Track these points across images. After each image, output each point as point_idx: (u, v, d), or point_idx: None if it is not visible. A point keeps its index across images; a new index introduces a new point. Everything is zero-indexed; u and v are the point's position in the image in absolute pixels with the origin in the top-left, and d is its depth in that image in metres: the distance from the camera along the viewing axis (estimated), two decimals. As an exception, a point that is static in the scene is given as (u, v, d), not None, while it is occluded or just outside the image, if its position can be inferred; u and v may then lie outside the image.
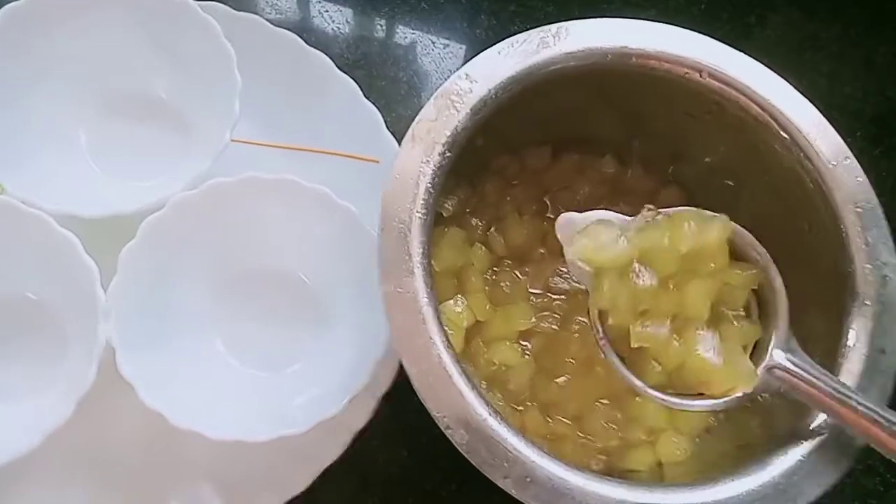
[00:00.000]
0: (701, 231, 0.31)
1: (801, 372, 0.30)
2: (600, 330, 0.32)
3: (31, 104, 0.39)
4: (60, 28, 0.39)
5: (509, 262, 0.41)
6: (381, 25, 0.50)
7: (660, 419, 0.38)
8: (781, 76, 0.35)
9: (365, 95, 0.44)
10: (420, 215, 0.31)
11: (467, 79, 0.33)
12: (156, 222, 0.36)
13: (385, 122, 0.44)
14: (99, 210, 0.36)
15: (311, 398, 0.36)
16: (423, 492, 0.40)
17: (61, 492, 0.37)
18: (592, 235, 0.32)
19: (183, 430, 0.33)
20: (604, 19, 0.35)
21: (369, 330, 0.36)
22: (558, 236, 0.33)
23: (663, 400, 0.32)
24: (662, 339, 0.31)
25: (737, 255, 0.33)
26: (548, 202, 0.42)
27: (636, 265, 0.31)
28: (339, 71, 0.44)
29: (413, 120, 0.47)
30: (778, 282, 0.32)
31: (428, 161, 0.32)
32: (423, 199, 0.32)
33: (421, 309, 0.30)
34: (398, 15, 0.51)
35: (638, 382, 0.32)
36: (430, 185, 0.32)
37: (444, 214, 0.39)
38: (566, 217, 0.33)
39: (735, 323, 0.32)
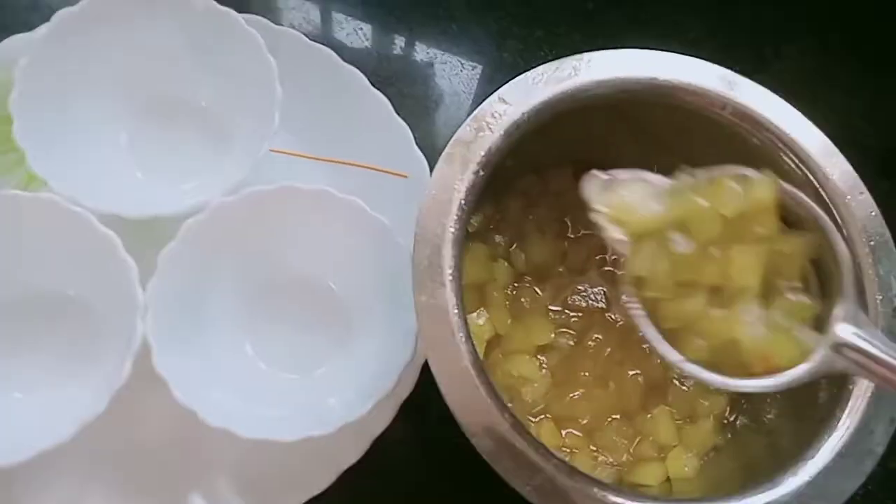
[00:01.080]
0: (746, 191, 0.28)
1: (874, 350, 0.27)
2: (635, 301, 0.30)
3: (78, 105, 0.40)
4: (109, 34, 0.40)
5: (529, 278, 0.42)
6: (412, 45, 0.52)
7: (670, 436, 0.39)
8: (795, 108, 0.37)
9: (396, 112, 0.46)
10: (453, 230, 0.33)
11: (502, 102, 0.35)
12: (195, 225, 0.37)
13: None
14: (140, 211, 0.37)
15: (337, 401, 0.37)
16: (440, 497, 0.41)
17: (85, 483, 0.38)
18: (629, 190, 0.29)
19: (212, 428, 0.35)
20: (632, 50, 0.36)
21: (394, 337, 0.38)
22: (584, 194, 0.31)
23: (706, 378, 0.29)
24: (701, 313, 0.28)
25: (791, 223, 0.30)
26: (568, 222, 0.44)
27: (673, 233, 0.28)
28: (373, 88, 0.46)
29: (439, 137, 0.50)
30: (841, 248, 0.29)
31: (462, 179, 0.33)
32: (457, 215, 0.33)
33: (451, 320, 0.32)
34: (429, 36, 0.52)
35: (675, 356, 0.29)
36: (463, 202, 0.33)
37: (469, 230, 0.40)
38: (595, 174, 0.31)
39: (791, 296, 0.29)
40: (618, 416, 0.40)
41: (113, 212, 0.37)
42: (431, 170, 0.44)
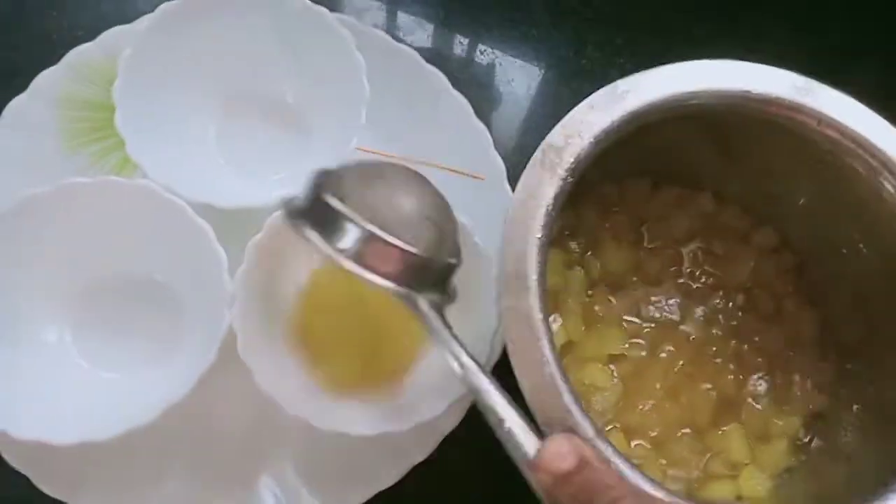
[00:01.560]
0: None
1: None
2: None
3: (171, 97, 0.42)
4: (206, 28, 0.42)
5: (604, 286, 0.42)
6: (491, 49, 0.52)
7: (743, 454, 0.39)
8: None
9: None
10: (539, 236, 0.33)
11: (592, 109, 0.35)
12: (280, 219, 0.38)
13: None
14: (231, 202, 0.38)
15: (413, 400, 0.38)
16: (502, 498, 0.41)
17: (159, 461, 0.39)
18: None
19: (287, 417, 0.35)
20: (724, 61, 0.36)
21: (474, 338, 0.38)
22: None
23: None
24: None
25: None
26: (644, 232, 0.44)
27: None
28: (453, 89, 0.46)
29: (514, 141, 0.50)
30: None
31: (551, 185, 0.34)
32: (544, 221, 0.33)
33: (536, 325, 0.32)
34: (507, 40, 0.53)
35: None
36: (550, 208, 0.33)
37: (548, 236, 0.41)
38: None
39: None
40: (688, 431, 0.40)
41: (205, 201, 0.38)
42: (508, 173, 0.45)
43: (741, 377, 0.41)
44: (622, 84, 0.35)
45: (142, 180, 0.37)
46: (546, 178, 0.34)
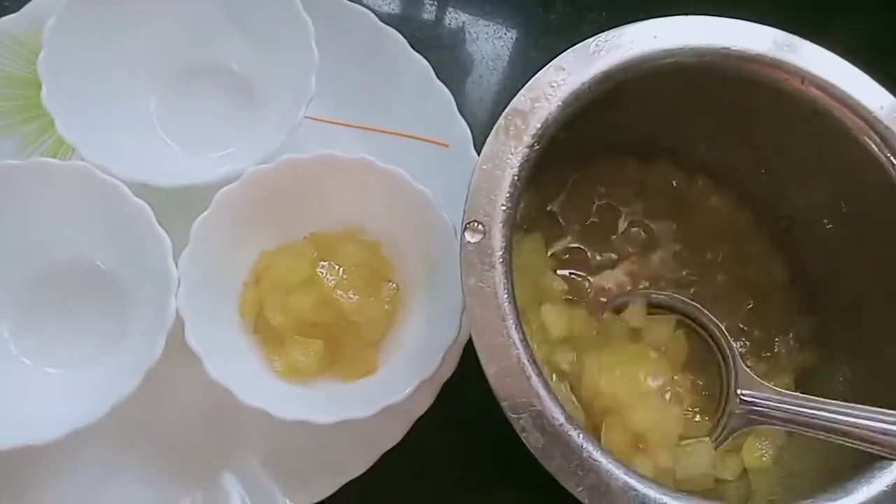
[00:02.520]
0: None
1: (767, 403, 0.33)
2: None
3: (106, 69, 0.39)
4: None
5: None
6: (453, 7, 0.49)
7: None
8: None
9: (436, 76, 0.43)
10: (504, 208, 0.31)
11: (561, 70, 0.32)
12: (229, 194, 0.35)
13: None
14: (173, 180, 0.35)
15: (377, 383, 0.36)
16: (476, 483, 0.40)
17: (114, 458, 0.37)
18: None
19: (246, 406, 0.33)
20: (701, 17, 0.33)
21: (437, 316, 0.36)
22: None
23: None
24: None
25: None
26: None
27: None
28: (412, 50, 0.43)
29: (482, 104, 0.47)
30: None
31: (516, 153, 0.31)
32: (509, 192, 0.31)
33: (501, 305, 0.30)
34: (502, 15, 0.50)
35: None
36: (516, 178, 0.31)
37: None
38: None
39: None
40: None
41: (144, 181, 0.35)
42: (474, 138, 0.42)
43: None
44: (593, 42, 0.32)
45: (76, 162, 0.35)
46: (511, 146, 0.31)
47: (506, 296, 0.30)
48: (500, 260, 0.30)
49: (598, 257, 0.40)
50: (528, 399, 0.29)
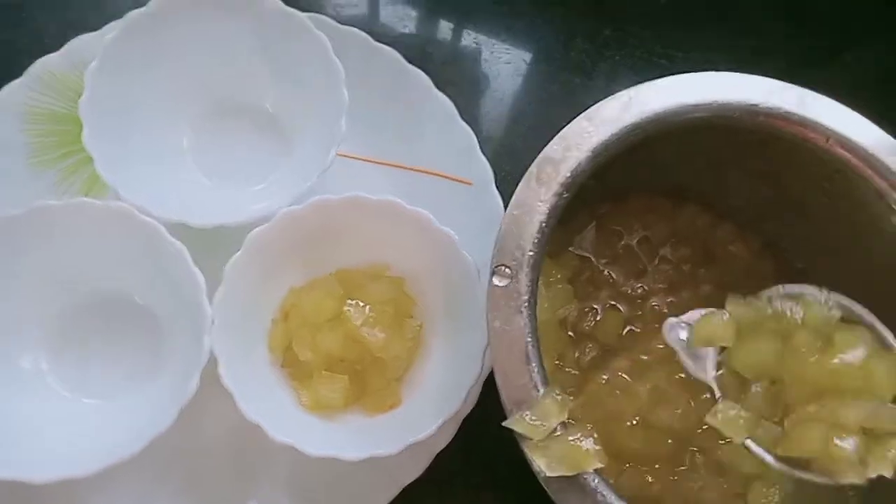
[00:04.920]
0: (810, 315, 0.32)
1: None
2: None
3: (142, 110, 0.40)
4: (176, 35, 0.40)
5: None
6: (476, 44, 0.50)
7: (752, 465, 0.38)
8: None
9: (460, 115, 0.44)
10: (532, 253, 0.32)
11: (590, 121, 0.33)
12: (261, 235, 0.36)
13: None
14: (207, 220, 0.37)
15: (402, 418, 0.37)
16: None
17: (147, 489, 0.38)
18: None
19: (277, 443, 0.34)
20: (729, 73, 0.34)
21: (463, 354, 0.37)
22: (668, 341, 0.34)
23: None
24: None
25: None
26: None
27: None
28: (436, 90, 0.44)
29: (504, 141, 0.48)
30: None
31: (545, 200, 0.32)
32: (537, 238, 0.32)
33: (526, 349, 0.31)
34: (493, 33, 0.51)
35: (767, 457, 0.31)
36: (544, 224, 0.32)
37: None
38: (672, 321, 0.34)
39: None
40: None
41: (180, 220, 0.36)
42: (496, 176, 0.43)
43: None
44: (623, 95, 0.33)
45: (115, 202, 0.36)
46: (541, 193, 0.32)
47: (529, 339, 0.31)
48: (526, 304, 0.31)
49: (629, 291, 0.41)
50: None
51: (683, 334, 0.33)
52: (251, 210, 0.37)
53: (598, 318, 0.41)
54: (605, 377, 0.40)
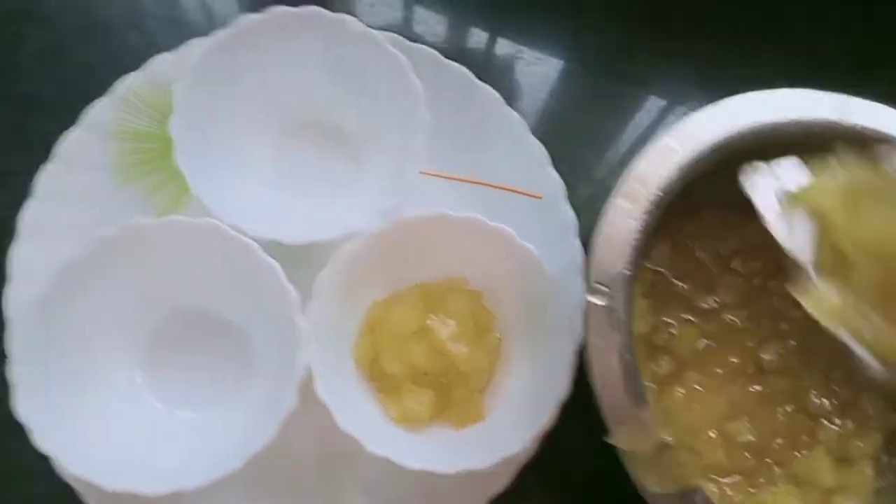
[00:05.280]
0: None
1: None
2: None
3: (228, 130, 0.41)
4: (256, 54, 0.40)
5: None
6: (538, 59, 0.51)
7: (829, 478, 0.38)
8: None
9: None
10: (627, 272, 0.32)
11: (677, 138, 0.34)
12: (348, 252, 0.37)
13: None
14: (298, 237, 0.37)
15: (488, 432, 0.38)
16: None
17: (237, 498, 0.39)
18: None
19: (369, 454, 0.35)
20: (806, 90, 0.35)
21: (544, 371, 0.38)
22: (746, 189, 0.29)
23: None
24: None
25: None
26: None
27: None
28: (507, 106, 0.45)
29: (570, 157, 0.49)
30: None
31: (637, 218, 0.33)
32: (630, 257, 0.33)
33: (625, 366, 0.31)
34: (551, 48, 0.51)
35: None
36: (637, 242, 0.33)
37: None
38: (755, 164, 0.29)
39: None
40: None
41: (273, 238, 0.37)
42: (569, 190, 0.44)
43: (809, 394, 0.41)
44: (708, 111, 0.34)
45: (208, 219, 0.37)
46: (632, 211, 0.33)
47: (628, 356, 0.32)
48: (623, 321, 0.32)
49: (703, 305, 0.41)
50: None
51: (771, 188, 0.28)
52: (340, 227, 0.38)
53: (673, 332, 0.42)
54: (681, 390, 0.40)
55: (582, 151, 0.49)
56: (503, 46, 0.51)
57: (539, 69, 0.51)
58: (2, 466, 0.40)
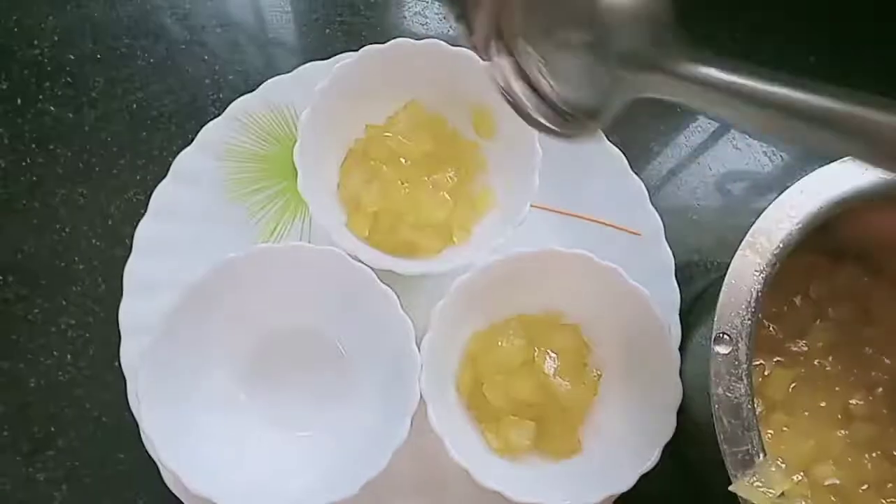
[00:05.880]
0: None
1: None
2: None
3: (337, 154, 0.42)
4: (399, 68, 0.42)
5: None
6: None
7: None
8: None
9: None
10: (749, 322, 0.33)
11: (802, 193, 0.34)
12: (464, 283, 0.38)
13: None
14: (413, 268, 0.38)
15: (589, 466, 0.38)
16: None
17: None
18: None
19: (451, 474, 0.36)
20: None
21: (651, 409, 0.38)
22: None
23: None
24: None
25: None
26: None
27: None
28: (608, 141, 0.46)
29: (661, 189, 0.49)
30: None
31: (761, 270, 0.33)
32: (753, 307, 0.33)
33: (747, 416, 0.32)
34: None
35: None
36: (759, 294, 0.33)
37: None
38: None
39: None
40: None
41: (388, 268, 0.38)
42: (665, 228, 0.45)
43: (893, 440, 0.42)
44: (836, 167, 0.35)
45: (330, 248, 0.37)
46: (756, 264, 0.33)
47: (750, 406, 0.32)
48: (746, 372, 0.33)
49: (793, 348, 0.42)
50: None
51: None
52: (456, 260, 0.38)
53: (765, 374, 0.42)
54: (770, 432, 0.41)
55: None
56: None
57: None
58: (107, 476, 0.41)
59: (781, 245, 0.34)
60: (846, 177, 0.35)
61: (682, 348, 0.41)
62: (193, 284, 0.36)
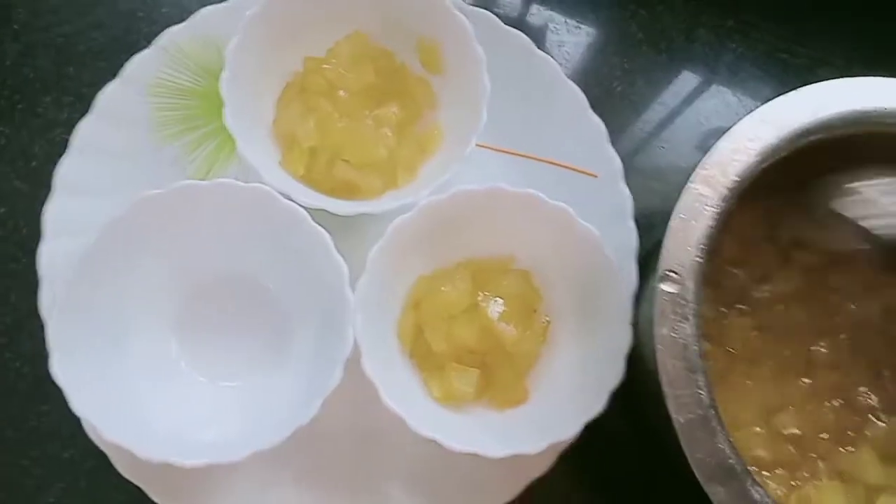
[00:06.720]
0: None
1: None
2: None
3: (271, 90, 0.39)
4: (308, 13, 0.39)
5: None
6: (600, 33, 0.49)
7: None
8: None
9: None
10: (700, 260, 0.31)
11: (762, 123, 0.32)
12: (404, 224, 0.36)
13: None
14: (350, 208, 0.36)
15: (534, 416, 0.37)
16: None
17: (269, 476, 0.38)
18: None
19: (398, 429, 0.34)
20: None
21: (597, 356, 0.36)
22: None
23: None
24: None
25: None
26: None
27: None
28: (566, 79, 0.43)
29: (629, 135, 0.47)
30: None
31: (713, 205, 0.31)
32: (704, 245, 0.31)
33: (692, 357, 0.30)
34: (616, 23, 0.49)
35: None
36: (712, 229, 0.31)
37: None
38: None
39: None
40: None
41: (323, 208, 0.35)
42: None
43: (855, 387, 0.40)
44: (794, 96, 0.32)
45: (259, 185, 0.35)
46: (708, 199, 0.31)
47: (696, 348, 0.30)
48: (693, 312, 0.31)
49: (756, 295, 0.40)
50: (712, 451, 0.29)
51: None
52: (394, 199, 0.36)
53: (725, 322, 0.40)
54: (731, 381, 0.39)
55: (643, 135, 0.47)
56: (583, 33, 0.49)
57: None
58: (31, 429, 0.39)
59: (738, 179, 0.32)
60: (814, 104, 0.32)
61: (639, 296, 0.39)
62: (110, 224, 0.34)
